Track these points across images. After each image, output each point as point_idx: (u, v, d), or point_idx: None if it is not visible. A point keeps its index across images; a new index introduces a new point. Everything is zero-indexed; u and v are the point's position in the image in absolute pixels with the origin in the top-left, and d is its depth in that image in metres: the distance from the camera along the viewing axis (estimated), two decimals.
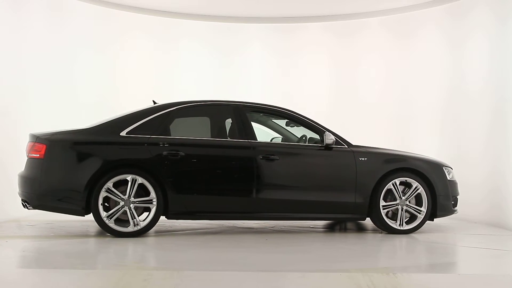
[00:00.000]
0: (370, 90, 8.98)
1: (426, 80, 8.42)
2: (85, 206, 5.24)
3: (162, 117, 5.63)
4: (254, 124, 6.14)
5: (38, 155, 5.34)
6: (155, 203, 5.35)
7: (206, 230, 6.08)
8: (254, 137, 5.71)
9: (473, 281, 3.78)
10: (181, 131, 5.74)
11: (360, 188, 5.71)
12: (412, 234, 5.79)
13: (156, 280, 3.56)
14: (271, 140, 6.23)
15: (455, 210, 6.10)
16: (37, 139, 5.44)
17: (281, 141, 6.21)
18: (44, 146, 5.33)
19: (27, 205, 5.39)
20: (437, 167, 6.00)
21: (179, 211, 5.45)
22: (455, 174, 6.28)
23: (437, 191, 5.85)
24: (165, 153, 5.42)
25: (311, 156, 5.79)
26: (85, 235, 5.57)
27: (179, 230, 6.13)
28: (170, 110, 5.70)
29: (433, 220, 5.99)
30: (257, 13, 9.04)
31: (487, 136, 7.19)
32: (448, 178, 6.01)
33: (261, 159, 5.57)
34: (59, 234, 5.68)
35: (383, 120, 8.81)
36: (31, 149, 5.45)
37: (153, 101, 6.14)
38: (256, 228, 6.29)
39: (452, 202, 6.01)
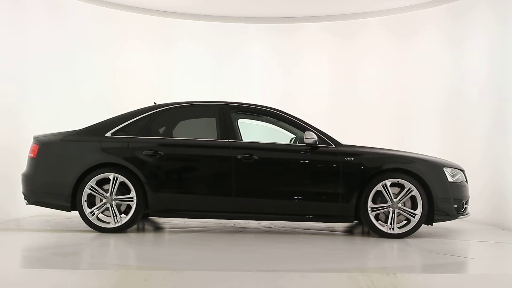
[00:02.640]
0: (370, 90, 8.98)
1: (426, 80, 8.42)
2: (72, 202, 5.58)
3: (147, 119, 5.85)
4: (268, 125, 6.08)
5: (32, 155, 5.81)
6: (135, 201, 5.55)
7: (205, 229, 6.08)
8: (236, 137, 5.73)
9: (473, 281, 3.78)
10: (165, 132, 5.95)
11: (346, 190, 5.51)
12: (412, 235, 5.74)
13: (156, 280, 3.56)
14: (290, 141, 6.13)
15: (462, 214, 5.69)
16: (34, 139, 5.90)
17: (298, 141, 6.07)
18: (37, 146, 5.80)
19: (26, 201, 5.83)
20: (435, 168, 5.62)
21: (158, 209, 5.62)
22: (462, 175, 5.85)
23: (433, 193, 5.49)
24: (144, 152, 5.62)
25: (292, 155, 5.68)
26: (89, 232, 5.63)
27: (180, 228, 6.13)
28: (155, 112, 5.90)
29: (431, 225, 5.72)
30: (257, 13, 9.04)
31: (488, 136, 7.19)
32: (451, 179, 5.62)
33: (239, 158, 5.56)
34: (66, 229, 5.77)
35: (383, 120, 8.81)
36: (30, 149, 5.89)
37: (154, 103, 6.21)
38: (255, 228, 6.29)
39: (455, 206, 5.59)
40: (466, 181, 5.91)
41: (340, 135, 6.15)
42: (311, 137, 5.56)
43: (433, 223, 5.69)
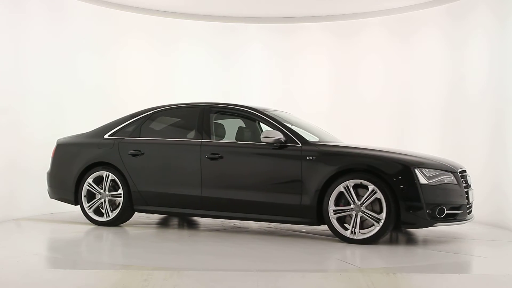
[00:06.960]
0: (370, 90, 8.97)
1: (426, 80, 8.42)
2: (75, 197, 6.20)
3: (140, 120, 6.25)
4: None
5: (52, 155, 6.52)
6: (122, 197, 6.00)
7: (206, 228, 6.09)
8: (210, 137, 5.85)
9: (473, 281, 3.78)
10: (153, 132, 6.25)
11: (306, 190, 5.26)
12: (412, 235, 5.75)
13: (156, 280, 3.57)
14: None
15: (442, 221, 5.14)
16: (56, 141, 6.60)
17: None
18: (55, 148, 6.55)
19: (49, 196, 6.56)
20: (402, 167, 5.07)
21: (142, 205, 5.99)
22: (452, 178, 5.27)
23: (398, 196, 4.97)
24: (129, 152, 6.06)
25: (256, 155, 5.64)
26: (94, 229, 5.73)
27: (183, 227, 6.14)
28: (147, 114, 6.28)
29: (401, 231, 5.37)
30: (257, 13, 9.03)
31: (488, 136, 7.18)
32: (424, 181, 5.04)
33: (206, 158, 5.70)
34: (78, 222, 6.17)
35: (383, 119, 8.80)
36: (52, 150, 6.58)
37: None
38: (253, 228, 6.29)
39: (428, 211, 5.00)
40: (459, 183, 5.34)
41: (340, 134, 6.14)
42: (271, 135, 5.41)
43: (405, 229, 5.30)
